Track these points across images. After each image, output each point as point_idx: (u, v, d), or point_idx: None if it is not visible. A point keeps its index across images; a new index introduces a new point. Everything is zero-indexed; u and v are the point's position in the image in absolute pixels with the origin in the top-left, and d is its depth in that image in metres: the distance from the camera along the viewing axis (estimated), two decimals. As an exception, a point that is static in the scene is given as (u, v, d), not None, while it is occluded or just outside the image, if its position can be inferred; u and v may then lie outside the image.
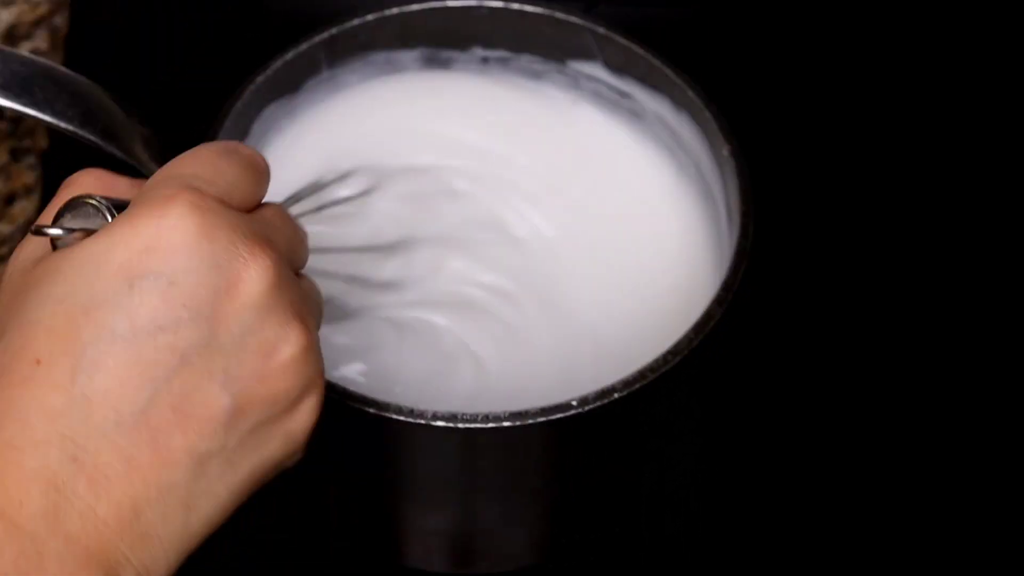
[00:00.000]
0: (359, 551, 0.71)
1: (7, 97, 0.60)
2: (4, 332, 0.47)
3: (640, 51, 0.71)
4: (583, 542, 0.71)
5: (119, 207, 0.49)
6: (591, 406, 0.59)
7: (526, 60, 0.74)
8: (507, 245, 0.70)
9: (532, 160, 0.73)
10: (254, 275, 0.47)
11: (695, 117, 0.70)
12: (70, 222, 0.49)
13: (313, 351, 0.49)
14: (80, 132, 0.61)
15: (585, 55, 0.73)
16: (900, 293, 0.78)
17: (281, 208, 0.53)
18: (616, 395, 0.59)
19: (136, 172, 0.62)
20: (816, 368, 0.76)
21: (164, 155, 0.63)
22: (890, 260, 0.79)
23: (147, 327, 0.45)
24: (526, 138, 0.74)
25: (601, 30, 0.71)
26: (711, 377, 0.69)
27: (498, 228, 0.70)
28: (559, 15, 0.72)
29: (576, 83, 0.74)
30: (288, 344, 0.47)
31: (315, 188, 0.66)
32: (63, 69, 0.62)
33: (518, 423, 0.59)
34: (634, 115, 0.73)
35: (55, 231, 0.48)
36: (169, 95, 0.71)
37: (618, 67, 0.72)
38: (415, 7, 0.72)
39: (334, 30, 0.71)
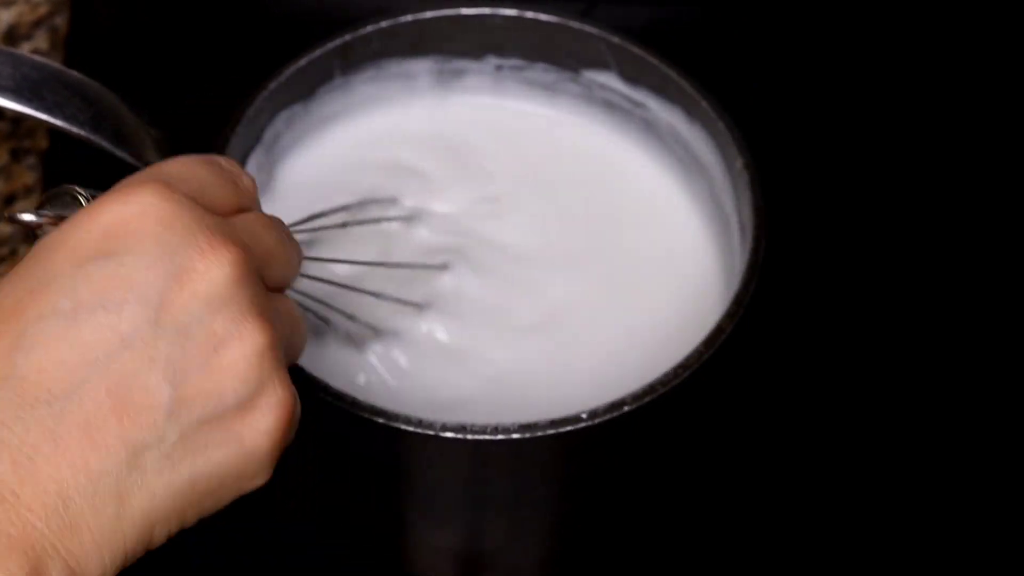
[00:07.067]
0: (368, 560, 0.71)
1: (18, 101, 0.60)
2: None
3: (654, 61, 0.70)
4: (591, 555, 0.71)
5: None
6: (601, 419, 0.59)
7: (540, 69, 0.74)
8: (516, 260, 0.70)
9: (543, 173, 0.73)
10: (210, 267, 0.45)
11: (708, 129, 0.69)
12: (46, 209, 0.49)
13: (269, 354, 0.46)
14: (91, 137, 0.61)
15: (599, 65, 0.72)
16: (912, 305, 0.78)
17: (269, 218, 0.51)
18: (626, 408, 0.59)
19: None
20: (827, 381, 0.75)
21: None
22: (902, 272, 0.79)
23: (89, 306, 0.44)
24: (537, 150, 0.73)
25: (616, 40, 0.71)
26: (722, 391, 0.69)
27: (507, 243, 0.70)
28: (573, 24, 0.71)
29: (590, 92, 0.74)
30: (239, 340, 0.45)
31: (334, 211, 0.67)
32: (74, 73, 0.62)
33: (527, 435, 0.58)
34: (647, 126, 0.73)
35: (26, 216, 0.48)
36: (169, 96, 0.71)
37: (632, 77, 0.72)
38: (429, 15, 0.71)
39: (348, 37, 0.70)
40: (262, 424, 0.46)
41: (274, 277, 0.50)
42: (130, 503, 0.44)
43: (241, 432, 0.46)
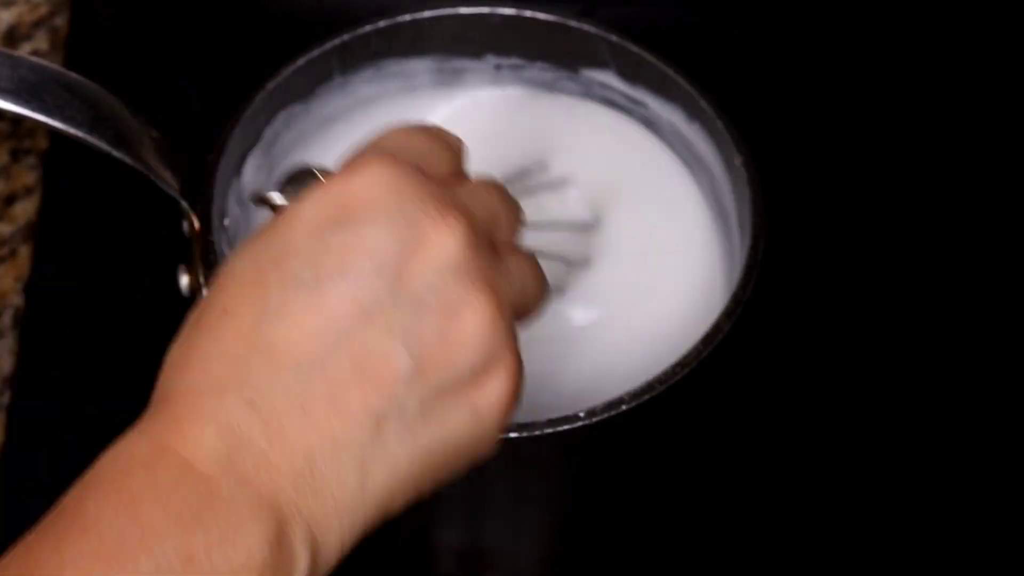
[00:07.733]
0: (368, 560, 0.71)
1: (17, 103, 0.61)
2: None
3: (653, 60, 0.70)
4: (591, 554, 0.71)
5: None
6: (599, 417, 0.59)
7: (539, 68, 0.74)
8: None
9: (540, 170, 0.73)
10: (443, 237, 0.46)
11: (707, 127, 0.69)
12: (288, 189, 0.52)
13: (500, 323, 0.47)
14: (90, 138, 0.61)
15: (598, 63, 0.72)
16: (912, 303, 0.78)
17: (491, 181, 0.52)
18: (624, 407, 0.59)
19: (145, 178, 0.63)
20: (826, 379, 0.75)
21: (175, 159, 0.64)
22: (902, 270, 0.79)
23: (331, 276, 0.45)
24: (536, 149, 0.73)
25: (614, 38, 0.71)
26: (720, 389, 0.69)
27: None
28: (572, 23, 0.71)
29: (589, 91, 0.74)
30: (471, 310, 0.46)
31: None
32: (73, 75, 0.62)
33: (525, 434, 0.59)
34: (647, 123, 0.73)
35: (275, 197, 0.52)
36: (169, 96, 0.71)
37: (631, 76, 0.72)
38: (428, 14, 0.71)
39: (347, 37, 0.71)
40: (493, 392, 0.47)
41: (502, 238, 0.51)
42: (372, 473, 0.45)
43: (475, 401, 0.47)
